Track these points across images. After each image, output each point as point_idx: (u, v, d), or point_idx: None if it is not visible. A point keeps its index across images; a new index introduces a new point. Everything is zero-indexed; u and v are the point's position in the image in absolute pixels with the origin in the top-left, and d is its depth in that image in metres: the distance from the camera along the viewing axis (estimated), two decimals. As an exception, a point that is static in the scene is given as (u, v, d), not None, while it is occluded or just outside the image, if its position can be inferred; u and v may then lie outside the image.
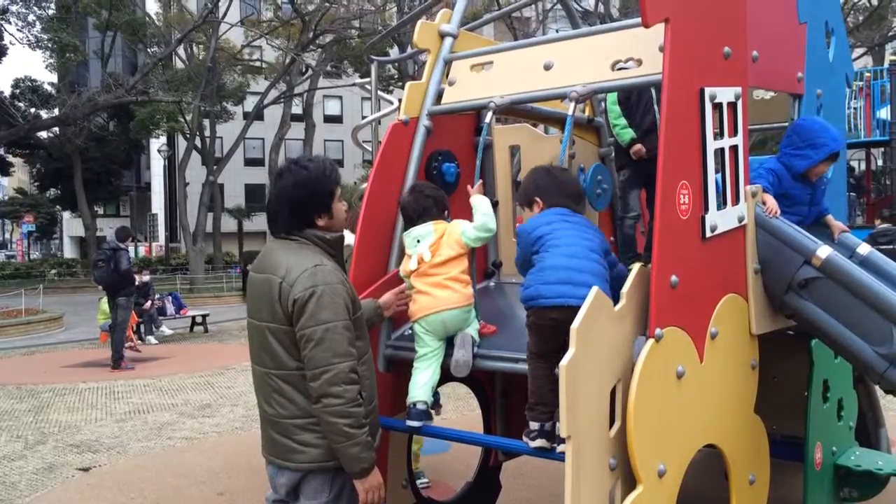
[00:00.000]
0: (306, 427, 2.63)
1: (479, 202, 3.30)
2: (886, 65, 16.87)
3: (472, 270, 3.40)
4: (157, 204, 46.77)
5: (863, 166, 20.56)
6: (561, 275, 2.80)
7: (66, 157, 34.38)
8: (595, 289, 2.61)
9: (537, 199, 3.09)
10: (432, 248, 3.27)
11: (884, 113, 15.34)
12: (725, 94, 3.00)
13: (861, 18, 30.10)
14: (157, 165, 46.55)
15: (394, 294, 3.35)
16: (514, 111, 3.94)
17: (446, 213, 3.43)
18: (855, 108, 15.25)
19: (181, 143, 36.81)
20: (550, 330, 2.79)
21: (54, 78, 34.59)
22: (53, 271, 37.12)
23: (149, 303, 14.42)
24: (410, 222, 3.40)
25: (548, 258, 2.86)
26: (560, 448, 2.64)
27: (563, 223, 2.95)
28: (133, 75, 29.28)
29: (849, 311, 3.08)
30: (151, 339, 14.29)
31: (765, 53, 3.35)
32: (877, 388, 3.76)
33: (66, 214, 49.26)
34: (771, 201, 3.23)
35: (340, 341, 2.55)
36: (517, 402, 4.34)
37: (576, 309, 2.55)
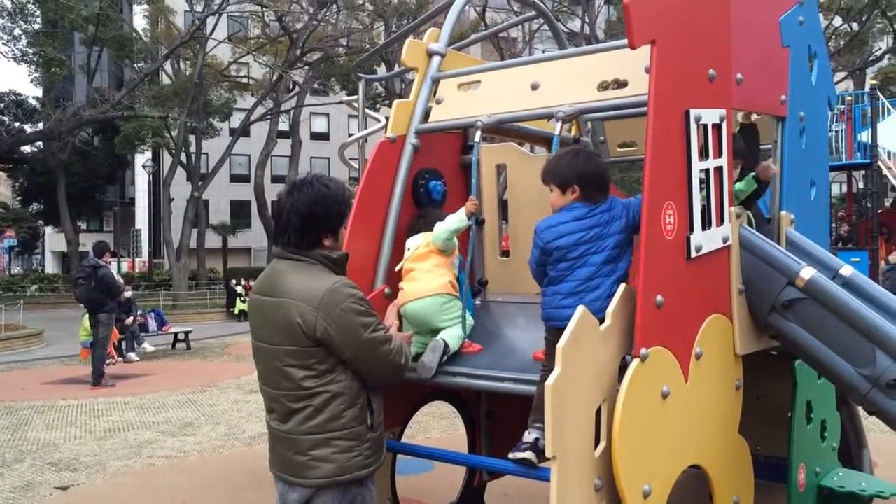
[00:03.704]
0: (322, 443, 2.65)
1: (451, 216, 3.44)
2: (867, 89, 17.14)
3: (462, 282, 3.46)
4: (141, 219, 46.54)
5: (844, 189, 20.79)
6: (572, 300, 2.82)
7: (49, 171, 34.17)
8: (581, 308, 2.62)
9: (576, 186, 2.96)
10: (415, 250, 3.45)
11: (865, 136, 15.57)
12: (710, 116, 3.02)
13: (843, 43, 30.60)
14: (141, 181, 46.38)
15: (394, 313, 3.37)
16: (501, 130, 3.96)
17: None
18: (836, 131, 15.48)
19: (166, 159, 36.69)
20: None
21: (39, 92, 34.48)
22: (35, 286, 36.73)
23: (131, 319, 14.28)
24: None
25: (562, 280, 2.89)
26: (545, 465, 2.63)
27: (576, 238, 2.89)
28: (119, 90, 29.23)
29: (832, 333, 3.09)
30: (133, 355, 14.14)
31: (749, 76, 3.39)
32: (860, 409, 3.78)
33: (49, 229, 48.89)
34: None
35: (384, 330, 2.76)
36: (502, 422, 4.34)
37: None
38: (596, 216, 2.92)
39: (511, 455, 2.84)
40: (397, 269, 3.51)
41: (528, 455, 2.81)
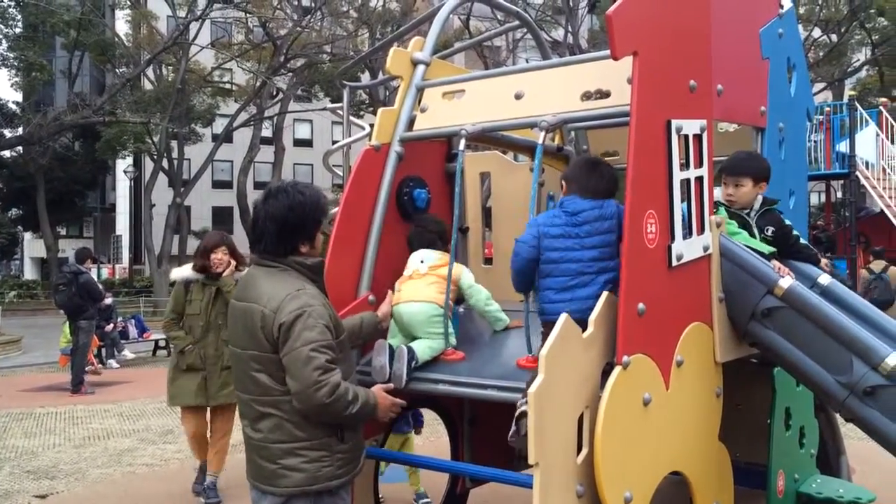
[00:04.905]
0: (291, 451, 2.67)
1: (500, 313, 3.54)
2: (846, 100, 17.37)
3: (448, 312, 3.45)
4: (122, 225, 46.09)
5: (823, 198, 21.01)
6: (564, 295, 2.93)
7: (29, 176, 33.79)
8: (564, 315, 2.64)
9: (563, 182, 3.25)
10: (430, 267, 3.45)
11: (843, 146, 15.77)
12: (691, 126, 3.07)
13: (821, 54, 30.97)
14: (122, 186, 45.92)
15: (388, 304, 3.42)
16: (485, 139, 3.99)
17: (448, 246, 3.60)
18: (815, 142, 15.67)
19: (148, 165, 36.41)
20: None
21: (19, 97, 34.12)
22: (13, 293, 36.26)
23: (111, 325, 14.15)
24: (414, 250, 3.61)
25: (552, 275, 2.99)
26: (527, 472, 2.65)
27: (565, 230, 3.00)
28: (101, 95, 29.00)
29: (810, 341, 3.14)
30: (113, 362, 14.01)
31: (729, 87, 3.44)
32: (837, 416, 3.83)
33: (28, 235, 48.32)
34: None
35: (327, 358, 2.62)
36: (485, 429, 4.34)
37: (578, 320, 2.72)
38: (586, 212, 3.02)
39: (512, 433, 2.73)
40: (406, 273, 3.51)
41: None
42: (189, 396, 5.55)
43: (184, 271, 5.76)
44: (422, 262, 3.51)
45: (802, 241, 3.65)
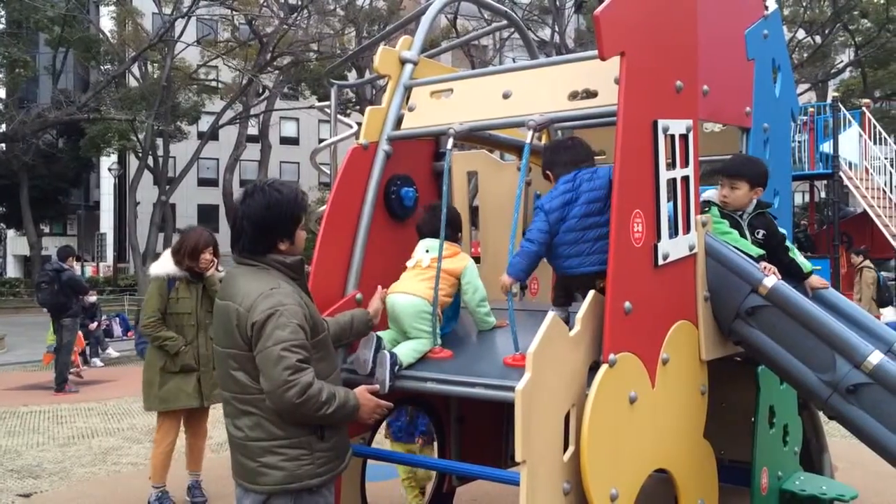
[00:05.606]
0: (270, 449, 2.68)
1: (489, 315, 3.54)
2: (829, 101, 17.51)
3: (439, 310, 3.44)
4: (107, 223, 45.75)
5: (806, 198, 21.18)
6: (570, 249, 3.10)
7: (12, 173, 33.47)
8: (551, 314, 2.66)
9: (548, 172, 3.34)
10: (433, 259, 3.40)
11: (827, 147, 15.90)
12: (677, 127, 3.09)
13: (805, 56, 31.21)
14: (106, 184, 45.60)
15: (379, 299, 3.41)
16: (473, 138, 4.00)
17: (459, 234, 3.65)
18: (799, 142, 15.79)
19: (132, 162, 36.15)
20: (565, 285, 3.29)
21: (2, 93, 33.80)
22: (-5, 291, 35.97)
23: (95, 324, 14.06)
24: (423, 237, 3.59)
25: (558, 232, 3.14)
26: (514, 469, 2.66)
27: (565, 198, 3.12)
28: (85, 92, 28.77)
29: (794, 339, 3.17)
30: (97, 361, 13.93)
31: (715, 88, 3.47)
32: (821, 413, 3.87)
33: (11, 232, 47.89)
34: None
35: (299, 358, 2.61)
36: (472, 427, 4.36)
37: (580, 276, 3.06)
38: (577, 180, 3.13)
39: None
40: (411, 264, 3.49)
41: None
42: (186, 398, 5.30)
43: (166, 267, 5.37)
44: (427, 251, 3.47)
45: (792, 253, 3.65)
